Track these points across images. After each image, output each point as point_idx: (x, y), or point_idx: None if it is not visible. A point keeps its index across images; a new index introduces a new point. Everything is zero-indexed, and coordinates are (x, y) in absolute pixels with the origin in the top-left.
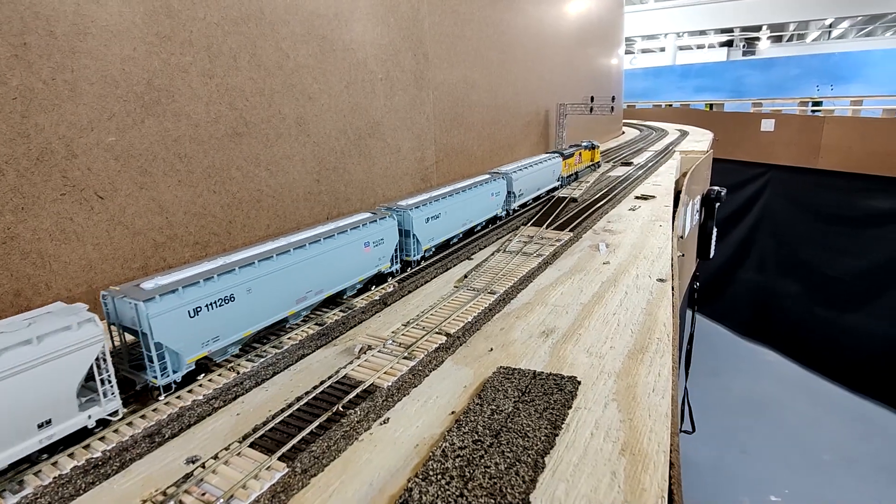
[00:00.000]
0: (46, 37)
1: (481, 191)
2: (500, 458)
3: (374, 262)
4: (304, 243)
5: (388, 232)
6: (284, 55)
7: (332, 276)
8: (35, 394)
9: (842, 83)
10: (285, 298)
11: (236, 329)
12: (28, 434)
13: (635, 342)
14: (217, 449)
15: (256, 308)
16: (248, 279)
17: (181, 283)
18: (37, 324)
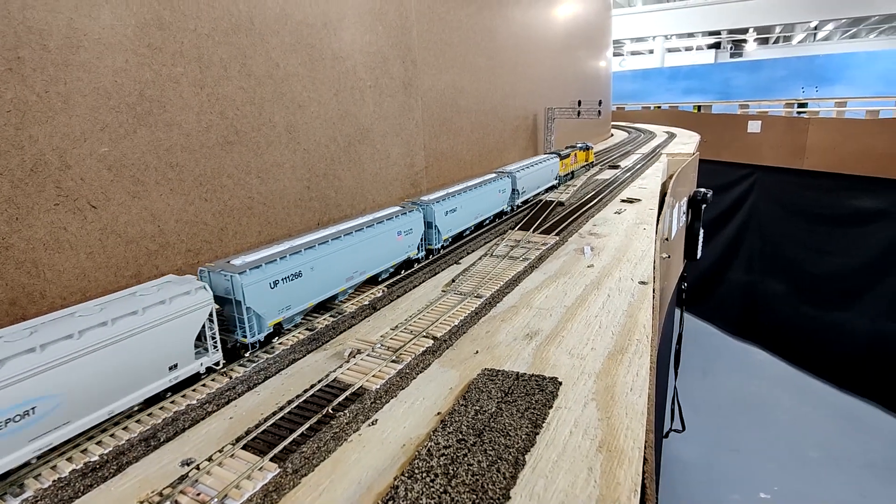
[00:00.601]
0: (40, 50)
1: (490, 188)
2: (482, 456)
3: (404, 249)
4: (351, 231)
5: (416, 223)
6: (274, 64)
7: (372, 260)
8: (167, 343)
9: (826, 85)
10: (338, 277)
11: (302, 300)
12: (162, 374)
13: (615, 343)
14: (211, 451)
15: (317, 284)
16: (311, 259)
17: (263, 261)
18: (163, 290)
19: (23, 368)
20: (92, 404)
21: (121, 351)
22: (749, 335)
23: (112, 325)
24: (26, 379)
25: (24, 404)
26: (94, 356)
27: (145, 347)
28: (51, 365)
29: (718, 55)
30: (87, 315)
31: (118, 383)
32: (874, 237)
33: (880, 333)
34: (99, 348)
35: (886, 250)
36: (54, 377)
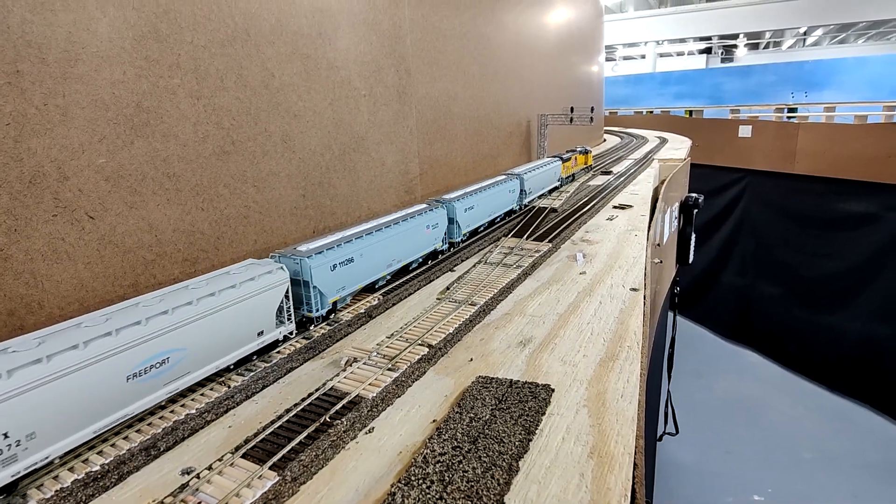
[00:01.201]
0: (39, 64)
1: (502, 188)
2: (477, 462)
3: (432, 241)
4: (390, 224)
5: (441, 218)
6: (270, 75)
7: (406, 250)
8: (256, 313)
9: (815, 90)
10: (380, 264)
11: (353, 282)
12: (252, 339)
13: (607, 350)
14: (211, 460)
15: (364, 269)
16: (360, 247)
17: (324, 248)
18: (250, 269)
19: (160, 327)
20: (205, 359)
21: (225, 317)
22: (742, 338)
23: (218, 296)
24: (162, 335)
25: (161, 355)
26: (207, 320)
27: (241, 315)
28: (178, 325)
29: (709, 60)
30: (198, 287)
31: (222, 343)
32: (864, 240)
33: (871, 336)
34: (210, 314)
35: (876, 253)
36: (180, 335)
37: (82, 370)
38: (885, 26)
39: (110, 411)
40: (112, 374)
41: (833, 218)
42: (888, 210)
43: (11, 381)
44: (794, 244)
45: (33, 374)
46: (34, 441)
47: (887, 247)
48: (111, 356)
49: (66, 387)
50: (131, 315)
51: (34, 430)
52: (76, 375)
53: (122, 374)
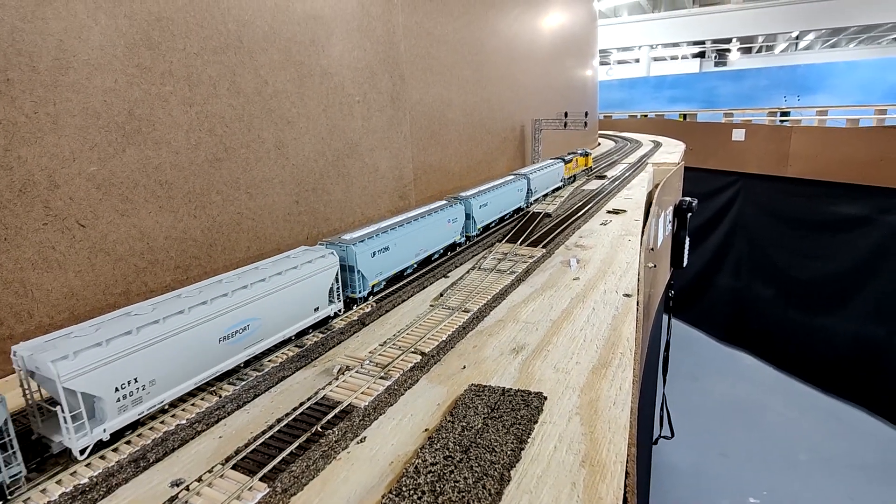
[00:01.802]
0: (29, 72)
1: (511, 187)
2: (468, 472)
3: (452, 234)
4: (418, 217)
5: (459, 214)
6: (263, 82)
7: (431, 241)
8: (313, 291)
9: (808, 94)
10: (409, 253)
11: (388, 269)
12: (310, 313)
13: (599, 357)
14: (200, 471)
15: (397, 257)
16: (395, 237)
17: (366, 237)
18: (306, 254)
19: (242, 299)
20: (274, 329)
21: (290, 293)
22: (737, 340)
23: (284, 275)
24: (244, 306)
25: (243, 322)
26: (277, 294)
27: (302, 292)
28: (255, 298)
29: (703, 64)
30: (266, 268)
31: (288, 315)
32: (857, 243)
33: (865, 337)
34: (279, 290)
35: (870, 256)
36: (257, 306)
37: (188, 331)
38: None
39: (207, 367)
40: (209, 336)
41: (826, 221)
42: (881, 213)
43: (139, 337)
44: (788, 247)
45: (154, 331)
46: (154, 387)
47: (880, 249)
48: (208, 321)
49: (176, 344)
50: (218, 289)
51: (154, 378)
52: (184, 335)
53: (216, 337)
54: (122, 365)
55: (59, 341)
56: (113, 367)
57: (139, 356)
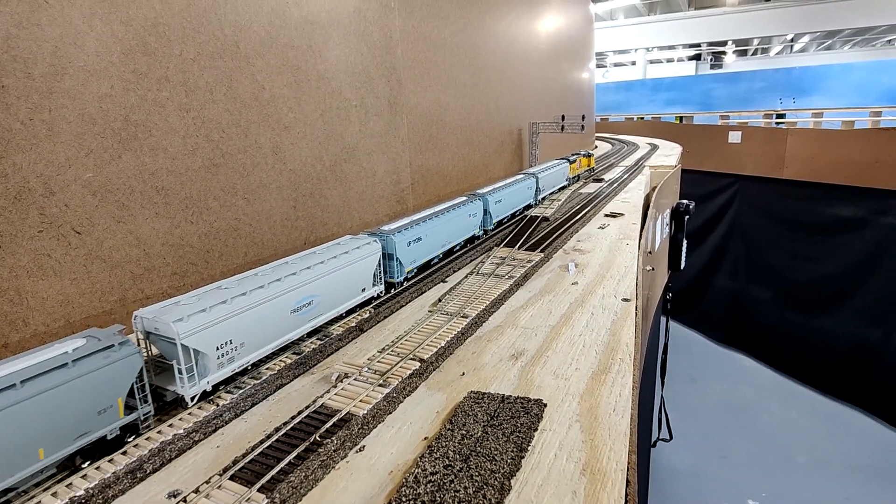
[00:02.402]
0: (24, 79)
1: (522, 185)
2: (468, 482)
3: (471, 228)
4: (444, 212)
5: (478, 209)
6: (260, 87)
7: (455, 233)
8: (361, 273)
9: (803, 96)
10: (437, 244)
11: (420, 257)
12: (358, 293)
13: (599, 363)
14: (198, 482)
15: (428, 247)
16: (426, 229)
17: (402, 228)
18: (353, 242)
19: (307, 278)
20: (331, 305)
21: (343, 274)
22: (734, 342)
23: (339, 259)
24: (308, 283)
25: (307, 298)
26: (332, 275)
27: (352, 274)
28: (317, 277)
29: (699, 67)
30: (321, 252)
31: (341, 294)
32: (853, 244)
33: (862, 339)
34: (334, 271)
35: (866, 257)
36: (318, 285)
37: (268, 303)
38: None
39: (281, 335)
40: (283, 308)
41: (822, 222)
42: (876, 214)
43: (232, 306)
44: (785, 248)
45: (242, 302)
46: (243, 349)
47: (876, 251)
48: (283, 295)
49: (259, 313)
50: (287, 269)
51: (243, 341)
52: (265, 306)
53: (288, 309)
54: (221, 328)
55: (172, 308)
56: (215, 330)
57: (233, 321)
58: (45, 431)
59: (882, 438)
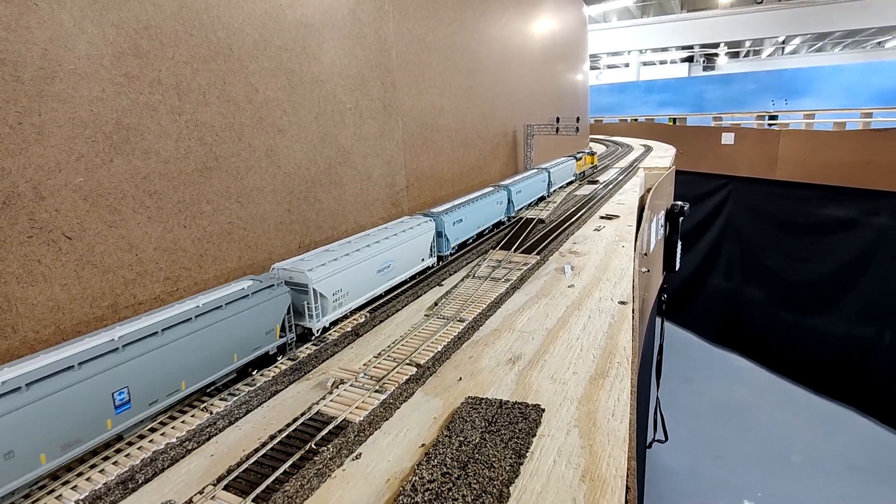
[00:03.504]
0: (13, 82)
1: (537, 178)
2: (467, 490)
3: (499, 213)
4: (478, 198)
5: (504, 198)
6: (254, 90)
7: (486, 218)
8: (419, 246)
9: (795, 98)
10: (473, 226)
11: (461, 236)
12: (418, 262)
13: (597, 367)
14: (191, 493)
15: (466, 228)
16: (466, 212)
17: (449, 210)
18: (412, 220)
19: (386, 246)
20: (401, 269)
21: (409, 245)
22: (729, 342)
23: (402, 234)
24: (388, 251)
25: (387, 262)
26: (403, 245)
27: (415, 246)
28: (393, 247)
29: (692, 69)
30: (392, 227)
31: (408, 260)
32: (845, 244)
33: (854, 338)
34: (404, 242)
35: (858, 257)
36: (393, 252)
37: (365, 262)
38: (859, 35)
39: (370, 289)
40: (372, 267)
41: (815, 223)
42: (868, 215)
43: (340, 263)
44: (778, 249)
45: (347, 260)
46: (348, 297)
47: (868, 251)
48: (374, 257)
49: (359, 269)
50: (372, 238)
51: (349, 291)
52: (363, 264)
53: (376, 269)
54: (336, 278)
55: (299, 263)
56: (333, 279)
57: (343, 274)
58: (239, 341)
59: (876, 437)
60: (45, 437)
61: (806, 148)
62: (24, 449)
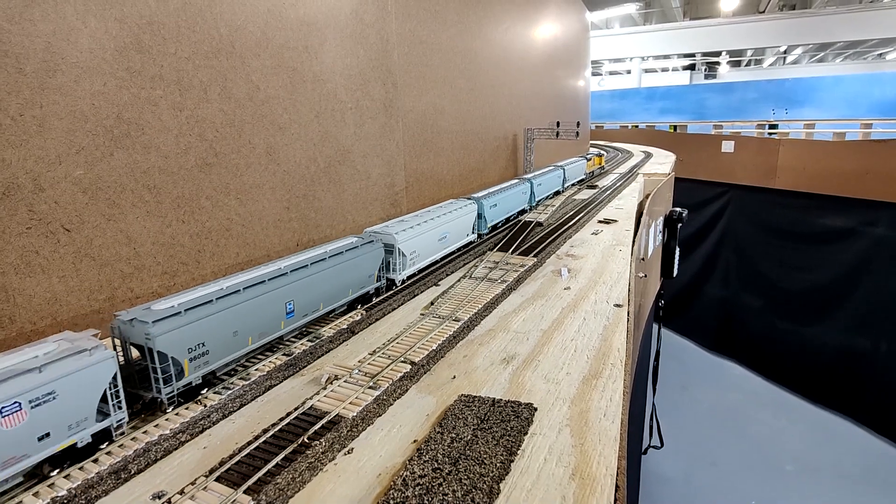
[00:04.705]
0: (16, 74)
1: (553, 174)
2: (457, 485)
3: (523, 203)
4: (508, 188)
5: (527, 189)
6: (255, 87)
7: (513, 205)
8: (465, 223)
9: (795, 107)
10: (503, 211)
11: (495, 219)
12: (464, 237)
13: (590, 368)
14: (183, 483)
15: (499, 212)
16: (499, 198)
17: (487, 196)
18: (458, 202)
19: (444, 220)
20: (454, 240)
21: (458, 222)
22: (725, 350)
23: (454, 213)
24: (445, 224)
25: (445, 233)
26: (453, 222)
27: (462, 222)
28: (448, 221)
29: (693, 76)
30: (444, 206)
31: (457, 234)
32: (843, 254)
33: (850, 348)
34: (454, 220)
35: (854, 267)
36: (447, 226)
37: (432, 231)
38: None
39: (432, 254)
40: (435, 236)
41: (813, 232)
42: (865, 225)
43: (415, 230)
44: (776, 257)
45: (418, 229)
46: (418, 257)
47: (865, 261)
48: (437, 228)
49: (427, 236)
50: (432, 214)
51: (419, 253)
52: (431, 232)
53: (437, 238)
54: (412, 242)
55: (386, 227)
56: (410, 242)
57: (416, 239)
58: (353, 280)
59: (869, 447)
60: (251, 325)
61: (805, 157)
62: (243, 330)
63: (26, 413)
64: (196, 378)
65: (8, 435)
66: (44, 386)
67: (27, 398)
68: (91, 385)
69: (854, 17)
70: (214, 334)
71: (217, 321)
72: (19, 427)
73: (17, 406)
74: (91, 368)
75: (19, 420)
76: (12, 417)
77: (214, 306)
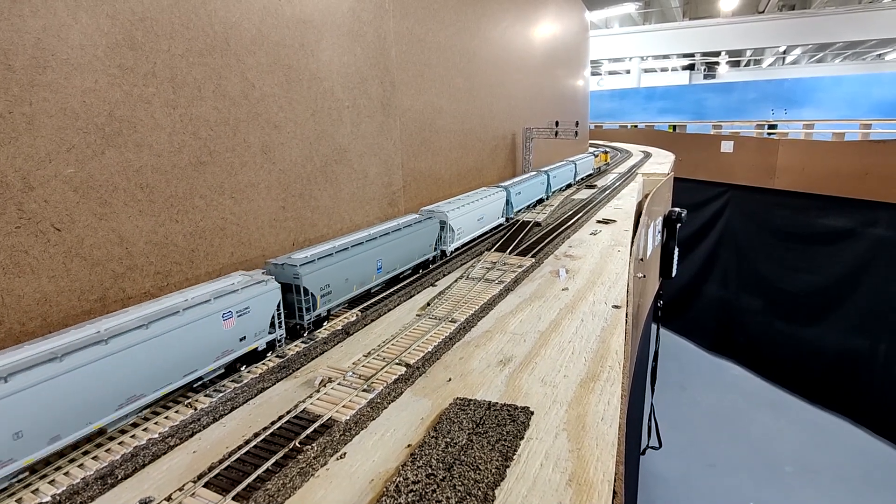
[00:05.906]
0: (4, 70)
1: (567, 168)
2: (451, 491)
3: (541, 192)
4: (528, 179)
5: (544, 180)
6: (250, 85)
7: (533, 194)
8: (497, 207)
9: (794, 107)
10: (524, 199)
11: (519, 205)
12: (495, 220)
13: (588, 370)
14: (171, 489)
15: (522, 199)
16: (523, 187)
17: (514, 185)
18: (491, 189)
19: (481, 204)
20: (489, 221)
21: (491, 206)
22: (724, 350)
23: (488, 198)
24: (481, 207)
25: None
26: (487, 206)
27: (493, 207)
28: (482, 206)
29: (692, 76)
30: (479, 192)
31: (490, 217)
32: (842, 255)
33: (849, 349)
34: (487, 204)
35: (854, 268)
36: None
37: (472, 211)
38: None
39: (474, 231)
40: (474, 217)
41: (812, 233)
42: (865, 226)
43: (461, 210)
44: (775, 258)
45: (464, 209)
46: (462, 233)
47: (864, 262)
48: (475, 210)
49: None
50: (471, 199)
51: (464, 229)
52: (471, 213)
53: (476, 218)
54: (460, 219)
55: (438, 206)
56: (459, 219)
57: (462, 217)
58: (416, 249)
59: (869, 448)
60: (356, 275)
61: (805, 157)
62: (351, 278)
63: (234, 320)
64: (323, 311)
65: (225, 333)
66: (244, 302)
67: (235, 309)
68: (267, 305)
69: (853, 17)
70: (335, 278)
71: (337, 269)
72: (231, 329)
73: (230, 314)
74: (268, 294)
75: (231, 324)
76: (229, 322)
77: (334, 258)
